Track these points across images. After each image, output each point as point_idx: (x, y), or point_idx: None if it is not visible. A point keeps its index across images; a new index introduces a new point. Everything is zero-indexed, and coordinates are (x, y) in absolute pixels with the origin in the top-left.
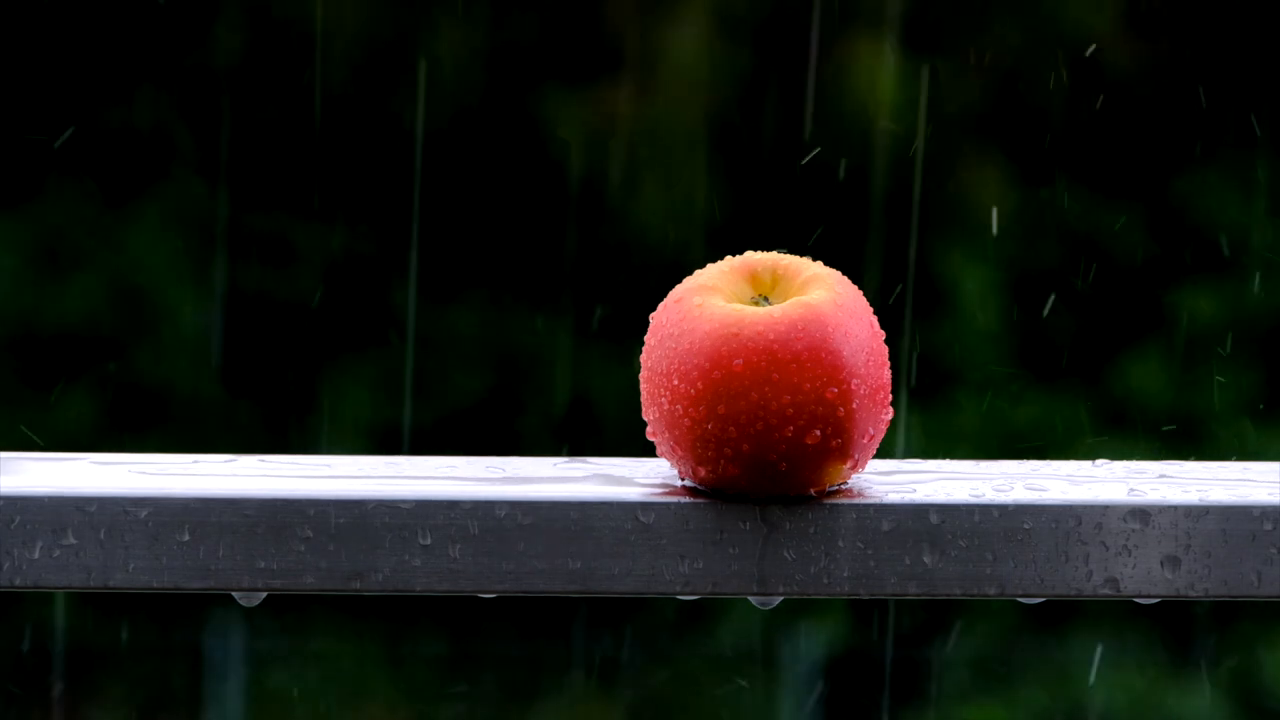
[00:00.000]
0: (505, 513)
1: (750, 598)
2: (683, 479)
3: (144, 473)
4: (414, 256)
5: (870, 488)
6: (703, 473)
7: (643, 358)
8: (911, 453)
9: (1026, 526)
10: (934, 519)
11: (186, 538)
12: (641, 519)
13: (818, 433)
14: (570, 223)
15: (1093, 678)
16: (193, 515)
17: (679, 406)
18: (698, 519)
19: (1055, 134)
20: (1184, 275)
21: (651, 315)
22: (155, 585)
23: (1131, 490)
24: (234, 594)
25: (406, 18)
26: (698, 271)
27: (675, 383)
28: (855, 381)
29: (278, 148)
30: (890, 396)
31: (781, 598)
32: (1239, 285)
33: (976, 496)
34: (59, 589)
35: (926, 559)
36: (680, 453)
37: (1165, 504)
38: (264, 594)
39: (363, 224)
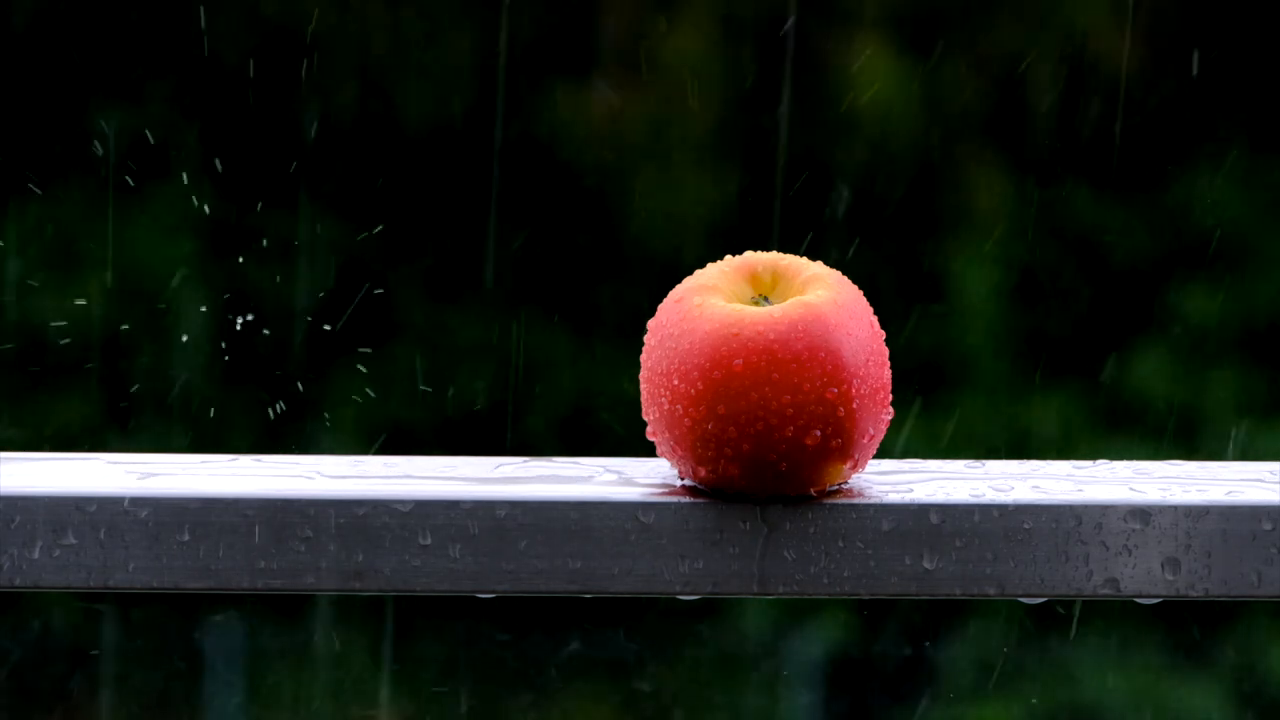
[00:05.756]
0: (505, 513)
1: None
2: (683, 479)
3: (144, 473)
4: (416, 257)
5: (870, 488)
6: (703, 473)
7: (643, 358)
8: (911, 453)
9: (1026, 526)
10: (934, 519)
11: (186, 538)
12: (641, 519)
13: (818, 433)
14: (572, 222)
15: (1094, 677)
16: (193, 515)
17: (679, 406)
18: (698, 519)
19: (1056, 133)
20: (1184, 275)
21: (651, 316)
22: (155, 585)
23: (1132, 490)
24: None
25: (408, 16)
26: (698, 271)
27: (675, 382)
28: (855, 381)
29: (279, 147)
30: (890, 396)
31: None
32: (1239, 285)
33: (976, 496)
34: (59, 589)
35: (926, 559)
36: (680, 453)
37: (1165, 504)
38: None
39: (365, 224)
